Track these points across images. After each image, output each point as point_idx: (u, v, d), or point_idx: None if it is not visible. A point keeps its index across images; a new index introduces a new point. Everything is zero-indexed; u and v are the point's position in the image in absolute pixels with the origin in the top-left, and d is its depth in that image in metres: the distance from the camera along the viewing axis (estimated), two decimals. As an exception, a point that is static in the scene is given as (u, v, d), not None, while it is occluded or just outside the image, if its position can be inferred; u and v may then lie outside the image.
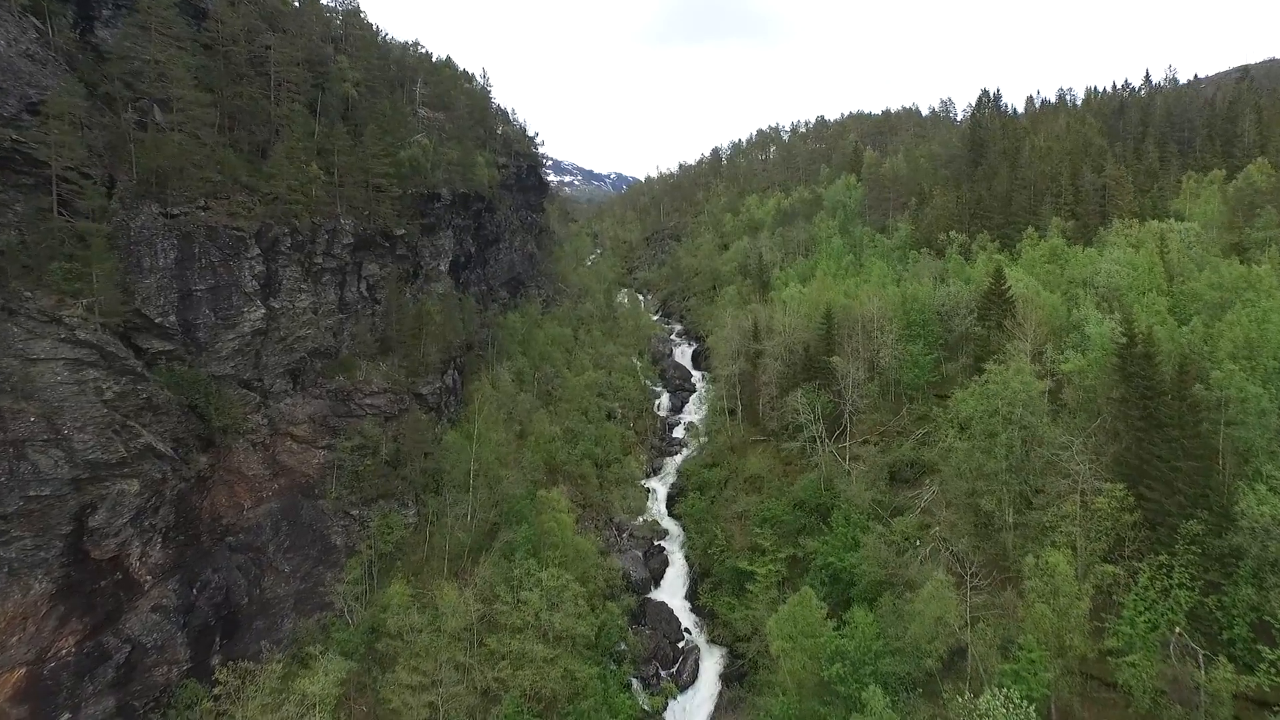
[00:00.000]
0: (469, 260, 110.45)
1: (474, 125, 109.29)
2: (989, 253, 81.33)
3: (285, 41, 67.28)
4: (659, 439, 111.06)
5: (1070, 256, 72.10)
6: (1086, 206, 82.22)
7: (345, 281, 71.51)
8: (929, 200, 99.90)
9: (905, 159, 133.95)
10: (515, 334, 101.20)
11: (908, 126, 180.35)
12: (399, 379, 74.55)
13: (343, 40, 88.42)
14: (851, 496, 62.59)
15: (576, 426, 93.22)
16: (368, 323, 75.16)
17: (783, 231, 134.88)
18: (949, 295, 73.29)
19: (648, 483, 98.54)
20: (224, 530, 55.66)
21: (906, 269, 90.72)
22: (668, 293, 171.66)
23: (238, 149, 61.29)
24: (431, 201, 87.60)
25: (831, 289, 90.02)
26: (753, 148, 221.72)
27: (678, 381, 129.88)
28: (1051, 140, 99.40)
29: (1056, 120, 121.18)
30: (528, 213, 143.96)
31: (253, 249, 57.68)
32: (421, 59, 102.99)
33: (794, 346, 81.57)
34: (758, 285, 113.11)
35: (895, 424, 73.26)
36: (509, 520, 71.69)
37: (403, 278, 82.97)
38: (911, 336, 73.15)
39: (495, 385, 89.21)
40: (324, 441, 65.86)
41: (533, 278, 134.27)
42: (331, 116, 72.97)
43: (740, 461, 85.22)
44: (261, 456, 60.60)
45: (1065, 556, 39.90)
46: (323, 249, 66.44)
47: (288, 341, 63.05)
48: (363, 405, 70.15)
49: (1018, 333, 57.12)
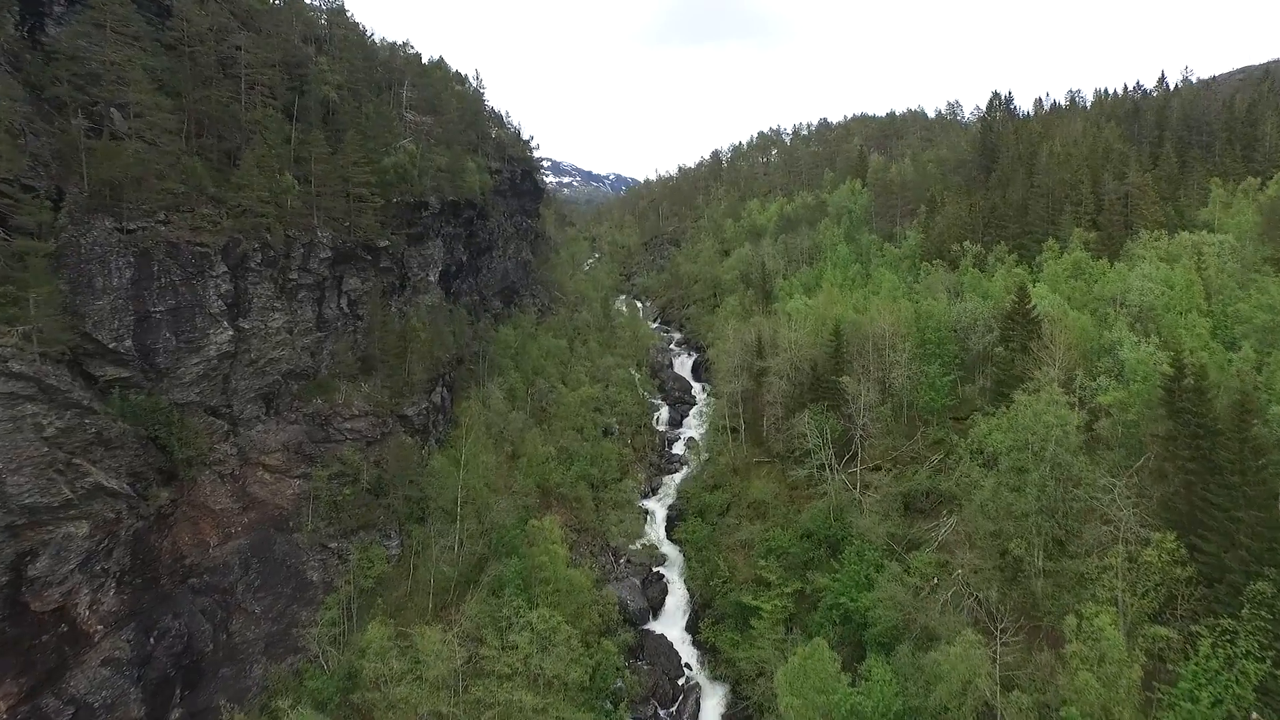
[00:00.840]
0: (460, 269, 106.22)
1: (465, 129, 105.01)
2: (1007, 266, 77.01)
3: (258, 41, 63.04)
4: (658, 456, 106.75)
5: (1096, 272, 67.84)
6: (1110, 217, 77.95)
7: (324, 297, 67.23)
8: (940, 208, 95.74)
9: (912, 164, 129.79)
10: (508, 348, 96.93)
11: (914, 130, 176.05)
12: (382, 400, 70.27)
13: (326, 41, 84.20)
14: (864, 530, 58.31)
15: (571, 445, 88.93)
16: (349, 340, 70.85)
17: (785, 238, 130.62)
18: (966, 312, 69.02)
19: (646, 503, 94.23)
20: (187, 571, 51.34)
21: (918, 281, 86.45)
22: (666, 300, 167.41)
23: (205, 157, 57.00)
24: (419, 210, 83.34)
25: (839, 302, 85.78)
26: (753, 150, 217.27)
27: (677, 394, 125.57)
28: (1069, 145, 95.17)
29: (1070, 124, 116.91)
30: (522, 218, 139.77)
31: (219, 266, 53.37)
32: (410, 60, 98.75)
33: (800, 364, 77.31)
34: (760, 295, 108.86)
35: (909, 449, 69.00)
36: (498, 552, 67.45)
37: (388, 291, 78.75)
38: (926, 355, 68.87)
39: (486, 404, 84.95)
40: (299, 470, 61.57)
41: (527, 286, 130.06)
42: (310, 122, 68.69)
43: (743, 485, 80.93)
44: (230, 489, 56.29)
45: (1110, 616, 35.63)
46: (298, 264, 62.16)
47: (259, 364, 58.74)
48: (342, 430, 65.87)
49: (1045, 357, 52.86)
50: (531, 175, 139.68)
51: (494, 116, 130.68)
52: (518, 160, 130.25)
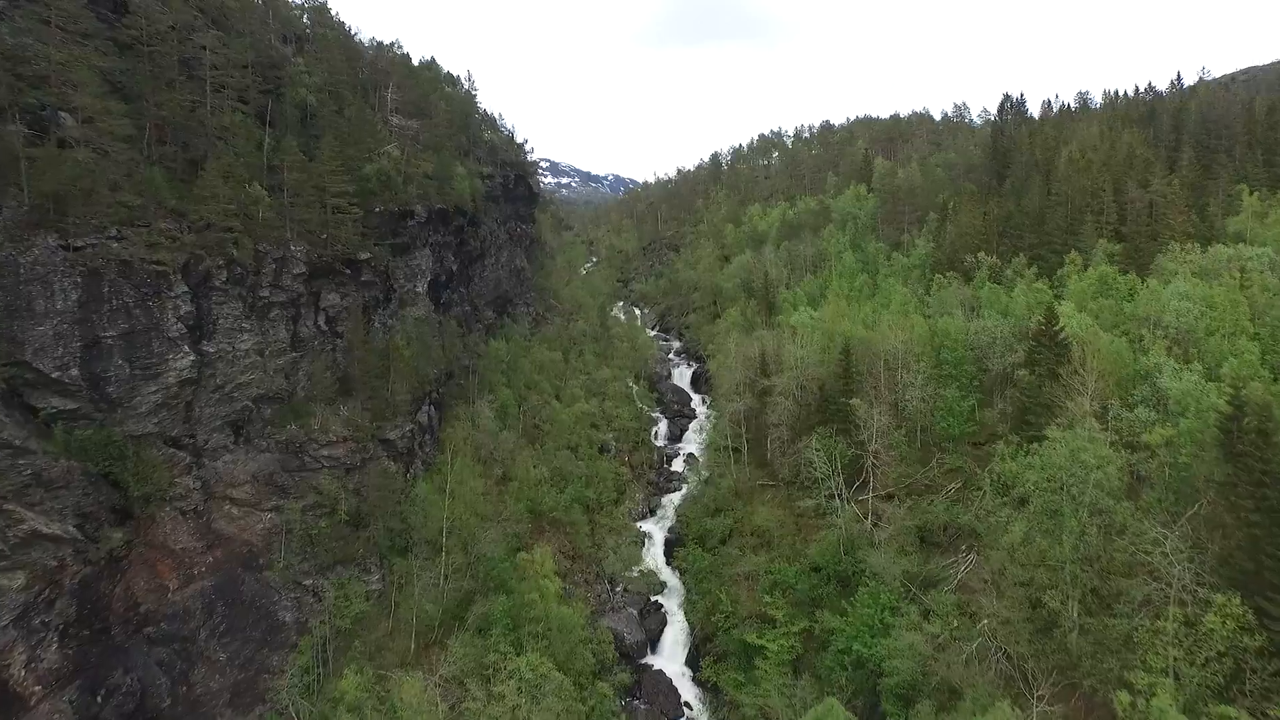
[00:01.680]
0: (451, 279, 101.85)
1: (455, 133, 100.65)
2: (1027, 280, 72.66)
3: (228, 41, 58.74)
4: (656, 473, 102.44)
5: (1122, 287, 63.55)
6: (1136, 227, 73.63)
7: (299, 315, 62.88)
8: (951, 216, 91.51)
9: (919, 168, 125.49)
10: (499, 362, 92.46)
11: (920, 133, 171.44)
12: (362, 424, 65.86)
13: (306, 40, 79.89)
14: (878, 568, 54.02)
15: (565, 466, 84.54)
16: (327, 360, 66.47)
17: (788, 246, 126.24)
18: (984, 331, 64.73)
19: (644, 525, 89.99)
20: (142, 619, 46.95)
21: (929, 294, 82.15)
22: (665, 307, 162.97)
23: (167, 167, 52.64)
24: (404, 219, 78.95)
25: (846, 316, 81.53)
26: (754, 153, 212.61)
27: (676, 407, 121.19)
28: (1087, 150, 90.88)
29: (1083, 127, 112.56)
30: (517, 224, 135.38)
31: (178, 286, 49.00)
32: (397, 61, 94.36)
33: (807, 383, 73.03)
34: (763, 306, 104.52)
35: (924, 477, 64.75)
36: (486, 587, 63.09)
37: (370, 306, 74.37)
38: (942, 377, 64.59)
39: (475, 423, 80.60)
40: (271, 503, 57.21)
41: (521, 295, 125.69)
42: (286, 127, 64.37)
43: (746, 510, 76.66)
44: (193, 526, 51.93)
45: (1169, 693, 31.37)
46: (269, 281, 57.81)
47: (226, 390, 54.40)
48: (318, 457, 61.49)
49: (1076, 384, 48.60)
50: (526, 180, 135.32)
51: (487, 119, 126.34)
52: (511, 164, 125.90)
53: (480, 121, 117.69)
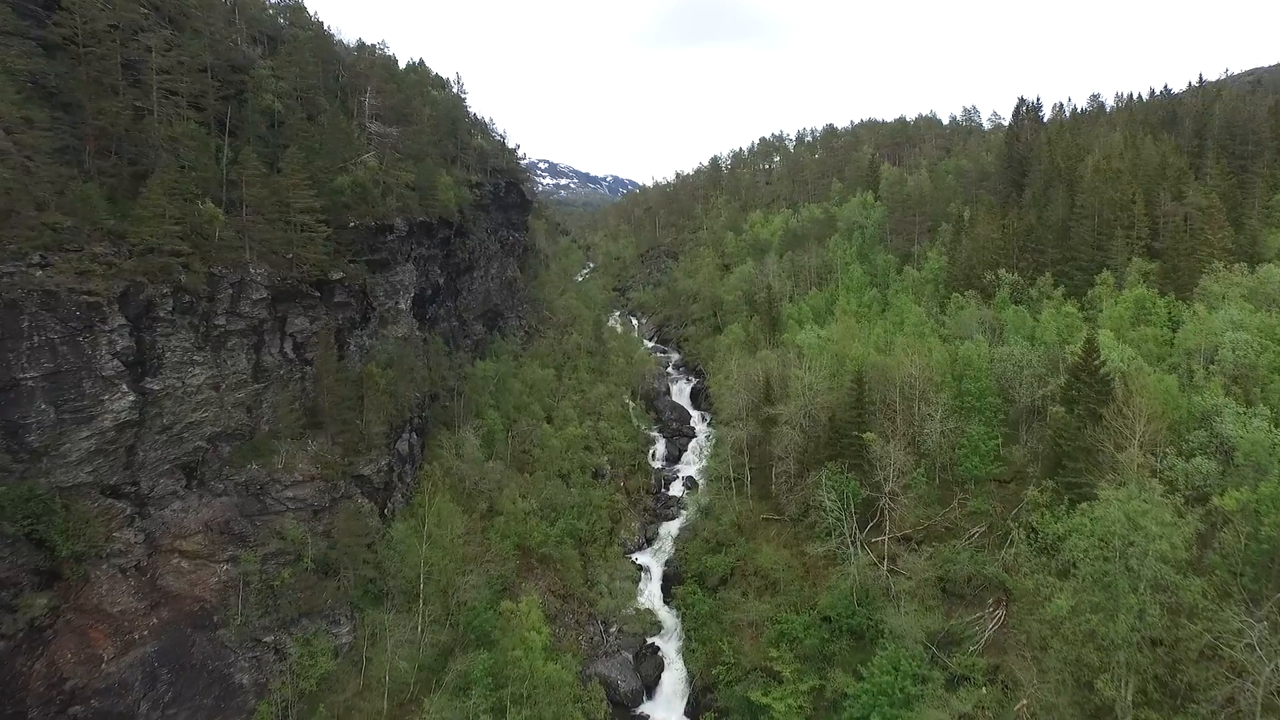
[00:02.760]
0: (437, 293, 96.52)
1: (442, 139, 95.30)
2: (1056, 302, 67.23)
3: (178, 41, 53.29)
4: (654, 498, 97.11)
5: (1159, 311, 58.18)
6: (1172, 243, 68.11)
7: (262, 343, 57.46)
8: (967, 228, 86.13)
9: (929, 175, 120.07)
10: (487, 384, 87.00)
11: (928, 137, 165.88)
12: (333, 460, 60.47)
13: (280, 42, 74.41)
14: (899, 631, 48.61)
15: (556, 496, 79.11)
16: (296, 390, 61.09)
17: (792, 256, 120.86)
18: (1010, 359, 59.36)
19: (640, 557, 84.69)
20: (67, 698, 41.49)
21: (945, 312, 76.77)
22: (664, 317, 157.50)
23: (106, 183, 47.22)
24: (382, 234, 73.54)
25: (856, 337, 76.18)
26: (755, 157, 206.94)
27: (675, 425, 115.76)
28: (1112, 157, 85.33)
29: (1104, 132, 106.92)
30: (509, 232, 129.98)
31: (114, 318, 43.58)
32: (378, 63, 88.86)
33: (815, 413, 67.64)
34: (766, 322, 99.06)
35: (944, 519, 59.40)
36: (466, 641, 57.74)
37: (345, 327, 69.00)
38: (964, 409, 59.17)
39: (459, 452, 75.13)
40: (227, 553, 51.75)
41: (513, 307, 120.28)
42: (248, 137, 58.99)
43: (749, 547, 71.22)
44: (134, 584, 46.48)
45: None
46: (225, 307, 52.42)
47: (175, 430, 48.97)
48: (282, 499, 56.07)
49: (1121, 427, 43.21)
50: (518, 186, 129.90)
51: (477, 124, 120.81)
52: (502, 171, 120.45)
53: (470, 126, 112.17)
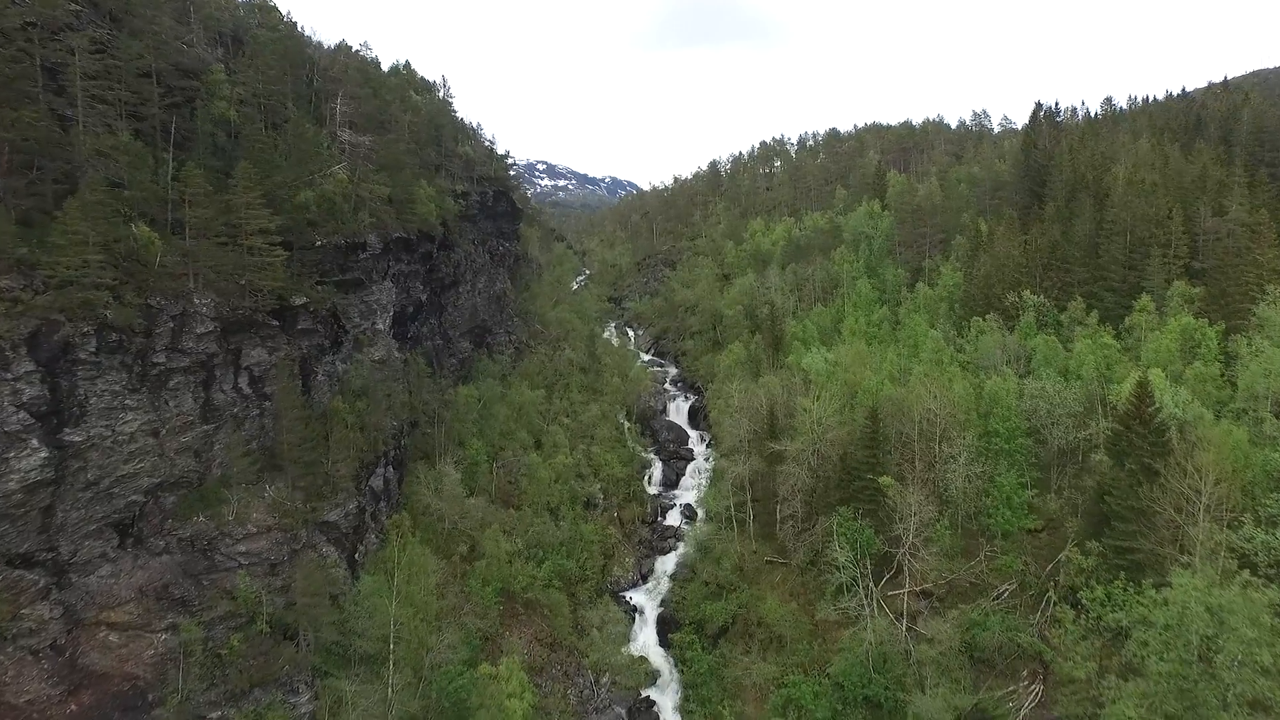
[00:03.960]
0: (420, 310, 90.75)
1: (423, 147, 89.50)
2: (1092, 331, 61.43)
3: (112, 43, 47.44)
4: (649, 528, 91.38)
5: (1213, 344, 52.52)
6: (1218, 264, 62.16)
7: (212, 379, 51.59)
8: (985, 244, 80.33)
9: (940, 183, 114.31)
10: (470, 410, 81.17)
11: (937, 142, 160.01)
12: (293, 507, 54.55)
13: (245, 44, 68.62)
14: (925, 717, 42.83)
15: (543, 534, 73.41)
16: (253, 428, 55.27)
17: (795, 268, 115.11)
18: (1042, 396, 53.64)
19: (635, 595, 79.03)
20: (-36, 810, 35.74)
21: (965, 338, 71.00)
22: (661, 329, 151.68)
23: (20, 205, 41.42)
24: (354, 252, 67.74)
25: (867, 363, 70.48)
26: (755, 161, 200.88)
27: (672, 447, 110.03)
28: (1141, 167, 79.37)
29: (1128, 140, 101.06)
30: (499, 242, 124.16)
31: (19, 363, 37.80)
32: (356, 66, 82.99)
33: (825, 450, 61.91)
34: (769, 342, 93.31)
35: (969, 572, 53.65)
36: (439, 710, 52.01)
37: (312, 355, 63.12)
38: (992, 452, 53.40)
39: (438, 489, 69.31)
40: (165, 620, 45.84)
41: (502, 322, 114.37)
42: (198, 150, 53.19)
43: (752, 594, 65.74)
44: (49, 667, 40.59)
45: None
46: (165, 343, 46.56)
47: (103, 486, 43.13)
48: (233, 554, 50.17)
49: (1186, 490, 37.49)
50: (508, 195, 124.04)
51: (463, 130, 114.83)
52: (491, 179, 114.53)
53: (456, 132, 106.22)
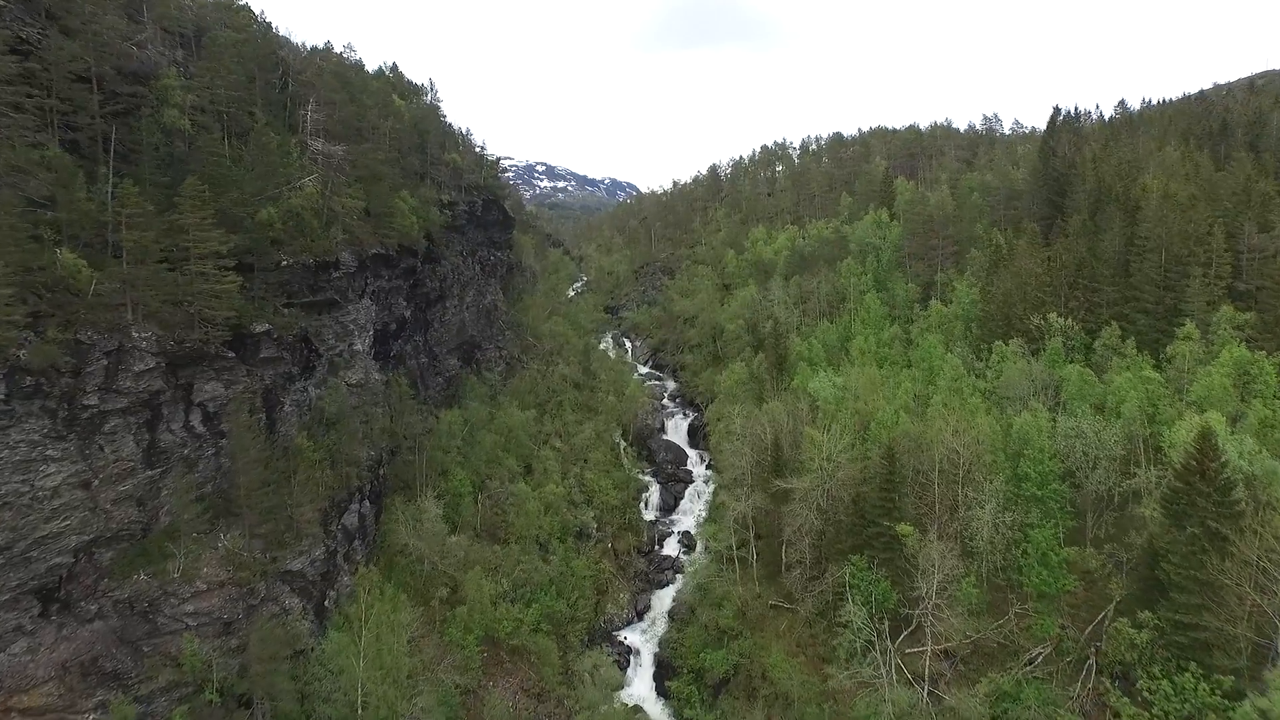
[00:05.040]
0: (403, 327, 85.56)
1: (405, 156, 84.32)
2: (1132, 360, 56.04)
3: (38, 42, 42.31)
4: (646, 559, 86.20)
5: (1270, 379, 47.44)
6: (1272, 287, 56.69)
7: (158, 418, 46.49)
8: (1004, 259, 75.02)
9: (951, 191, 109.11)
10: (454, 437, 75.93)
11: (946, 147, 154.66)
12: (251, 557, 49.40)
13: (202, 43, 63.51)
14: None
15: (531, 572, 68.23)
16: (209, 469, 50.21)
17: (799, 280, 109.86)
18: (1078, 436, 48.48)
19: (630, 634, 73.94)
20: None
21: (986, 365, 65.80)
22: (659, 341, 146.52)
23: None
24: (325, 271, 62.61)
25: (880, 390, 65.34)
26: (756, 166, 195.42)
27: (670, 469, 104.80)
28: (1174, 177, 73.96)
29: (1141, 144, 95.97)
30: (490, 251, 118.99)
31: (-92, 419, 32.66)
32: (331, 69, 77.67)
33: (835, 491, 56.76)
34: (772, 360, 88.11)
35: (997, 632, 48.47)
36: (408, 788, 46.94)
37: (278, 385, 58.07)
38: (1022, 499, 48.21)
39: (418, 526, 64.13)
40: (94, 699, 40.76)
41: (492, 337, 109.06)
42: (145, 164, 48.05)
43: (756, 642, 60.58)
44: (-49, 765, 35.56)
45: None
46: (98, 383, 41.49)
47: (17, 550, 38.02)
48: (179, 615, 45.07)
49: (1267, 564, 32.35)
50: (499, 204, 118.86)
51: (451, 136, 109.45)
52: (480, 188, 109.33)
53: (444, 139, 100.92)
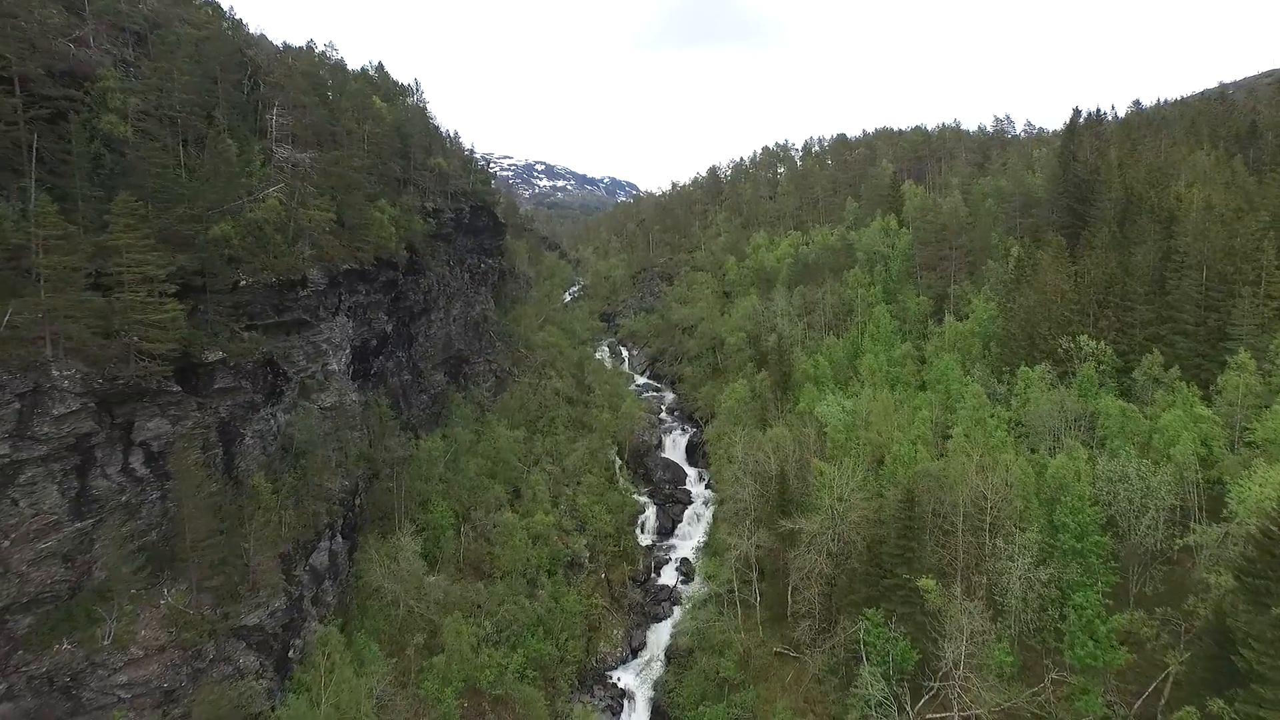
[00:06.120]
0: (384, 343, 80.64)
1: (386, 161, 79.14)
2: (1182, 394, 50.64)
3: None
4: (642, 589, 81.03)
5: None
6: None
7: (90, 463, 41.53)
8: (1026, 274, 69.74)
9: (963, 197, 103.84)
10: (435, 464, 70.78)
11: (956, 150, 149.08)
12: (198, 614, 44.44)
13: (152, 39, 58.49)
14: None
15: (516, 613, 63.20)
16: (152, 515, 45.23)
17: (803, 290, 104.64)
18: (1121, 480, 43.38)
19: (623, 676, 68.94)
20: None
21: (1009, 389, 60.70)
22: (657, 350, 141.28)
23: None
24: (291, 290, 57.57)
25: (893, 419, 60.28)
26: (758, 168, 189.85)
27: (668, 489, 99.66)
28: (1206, 184, 68.73)
29: (1168, 149, 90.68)
30: (480, 259, 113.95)
31: None
32: (306, 68, 72.44)
33: (847, 534, 51.66)
34: (776, 379, 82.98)
35: (1030, 701, 43.36)
36: None
37: (238, 414, 53.05)
38: (1061, 552, 43.04)
39: (392, 567, 59.01)
40: (3, 793, 35.81)
41: (480, 350, 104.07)
42: (76, 177, 42.97)
43: (760, 694, 55.53)
44: None
45: None
46: (9, 430, 36.48)
47: (-91, 627, 32.94)
48: (110, 687, 40.06)
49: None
50: (489, 209, 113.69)
51: (437, 139, 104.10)
52: (468, 194, 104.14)
53: (429, 143, 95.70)
